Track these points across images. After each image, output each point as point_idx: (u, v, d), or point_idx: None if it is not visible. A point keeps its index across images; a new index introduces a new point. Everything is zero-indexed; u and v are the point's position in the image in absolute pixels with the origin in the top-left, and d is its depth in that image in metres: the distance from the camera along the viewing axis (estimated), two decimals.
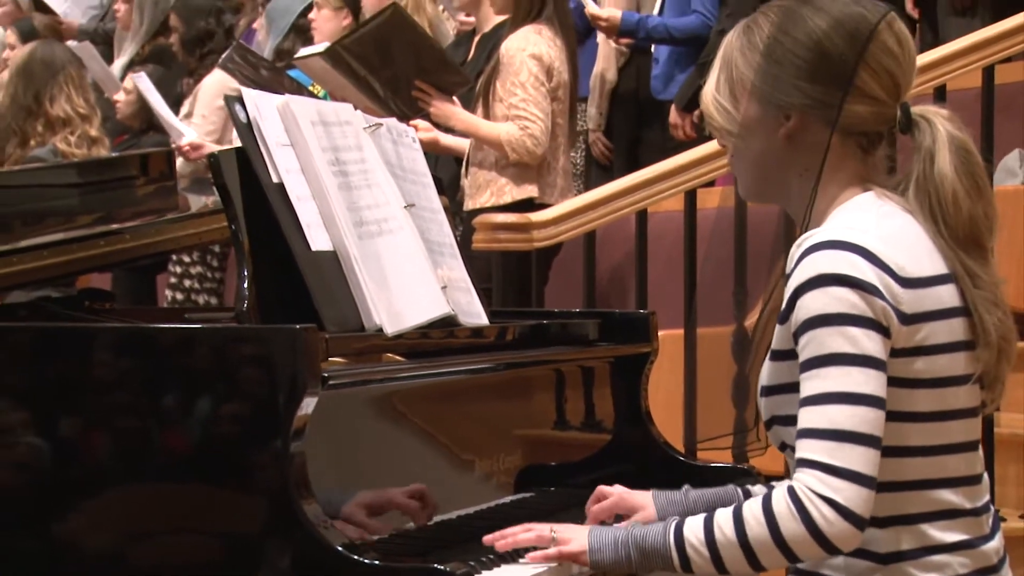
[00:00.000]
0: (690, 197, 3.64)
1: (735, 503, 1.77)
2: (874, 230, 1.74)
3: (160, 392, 1.83)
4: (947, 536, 1.76)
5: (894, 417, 1.72)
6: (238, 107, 2.05)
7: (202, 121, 5.10)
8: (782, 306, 1.77)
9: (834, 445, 1.68)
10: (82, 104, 4.43)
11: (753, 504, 1.72)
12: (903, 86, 1.81)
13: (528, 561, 1.85)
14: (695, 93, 4.46)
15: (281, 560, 1.75)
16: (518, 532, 1.87)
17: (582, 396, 2.47)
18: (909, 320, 1.73)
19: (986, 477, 1.83)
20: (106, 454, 1.85)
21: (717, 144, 2.00)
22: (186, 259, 5.21)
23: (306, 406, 1.77)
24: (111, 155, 4.45)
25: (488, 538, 1.87)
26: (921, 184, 1.79)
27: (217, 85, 4.97)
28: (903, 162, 1.85)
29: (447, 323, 2.20)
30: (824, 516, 1.67)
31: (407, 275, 2.14)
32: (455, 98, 4.17)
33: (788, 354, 1.76)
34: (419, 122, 4.11)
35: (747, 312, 3.71)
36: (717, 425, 3.47)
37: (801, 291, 1.72)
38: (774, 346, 1.80)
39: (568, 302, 3.85)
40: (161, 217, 2.63)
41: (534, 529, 1.86)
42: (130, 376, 1.85)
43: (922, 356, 1.74)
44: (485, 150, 4.15)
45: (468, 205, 4.17)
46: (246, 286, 1.98)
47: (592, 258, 3.71)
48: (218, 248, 5.17)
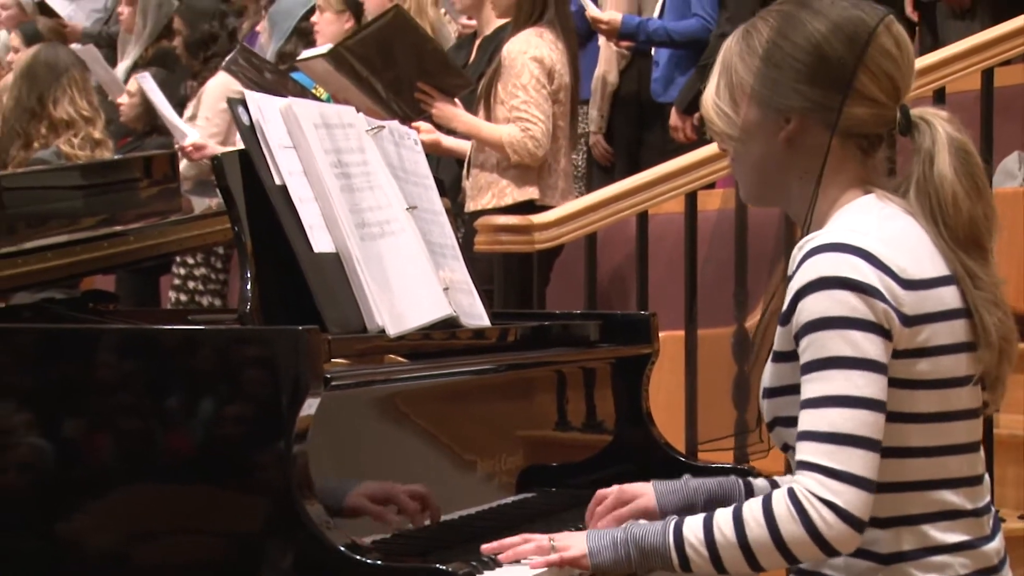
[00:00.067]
0: (691, 199, 3.65)
1: (735, 503, 1.77)
2: (875, 232, 1.75)
3: (163, 393, 1.83)
4: (948, 537, 1.76)
5: (896, 418, 1.73)
6: (241, 109, 2.05)
7: (206, 124, 5.10)
8: (783, 308, 1.77)
9: (834, 448, 1.68)
10: (85, 106, 4.42)
11: (753, 505, 1.73)
12: (902, 88, 1.81)
13: (529, 561, 1.84)
14: (695, 96, 4.47)
15: (283, 560, 1.76)
16: (517, 543, 1.86)
17: (583, 397, 2.48)
18: (911, 322, 1.73)
19: (987, 478, 1.83)
20: (110, 455, 1.85)
21: (717, 147, 2.00)
22: (190, 261, 5.21)
23: (308, 407, 1.77)
24: (115, 157, 4.45)
25: (487, 547, 1.87)
26: (921, 186, 1.79)
27: (221, 88, 4.96)
28: (903, 164, 1.85)
29: (449, 324, 2.20)
30: (824, 519, 1.67)
31: (409, 277, 2.14)
32: (457, 100, 4.17)
33: (789, 356, 1.76)
34: (421, 124, 4.11)
35: (748, 313, 3.71)
36: (718, 426, 3.48)
37: (803, 294, 1.72)
38: (776, 348, 1.80)
39: (569, 303, 3.85)
40: (164, 219, 2.64)
41: (532, 539, 1.86)
42: (133, 377, 1.85)
43: (924, 357, 1.74)
44: (486, 152, 4.14)
45: (469, 207, 4.16)
46: (249, 288, 1.98)
47: (593, 260, 3.71)
48: (222, 250, 5.17)
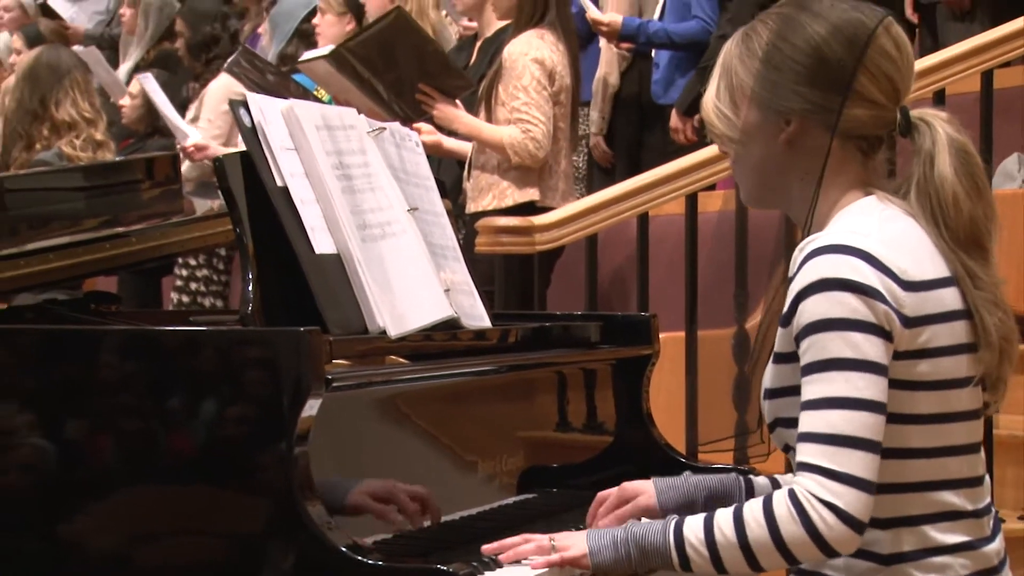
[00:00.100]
0: (691, 201, 3.65)
1: (735, 502, 1.78)
2: (876, 234, 1.75)
3: (165, 394, 1.83)
4: (948, 537, 1.76)
5: (896, 419, 1.73)
6: (243, 111, 2.05)
7: (208, 125, 5.10)
8: (784, 309, 1.77)
9: (834, 450, 1.68)
10: (87, 108, 4.42)
11: (754, 506, 1.73)
12: (902, 90, 1.82)
13: (530, 562, 1.84)
14: (696, 98, 4.47)
15: (285, 561, 1.76)
16: (518, 544, 1.86)
17: (584, 398, 2.48)
18: (911, 323, 1.73)
19: (987, 479, 1.83)
20: (111, 456, 1.85)
21: (718, 149, 2.00)
22: (192, 262, 5.21)
23: (310, 408, 1.78)
24: (117, 159, 4.45)
25: (487, 548, 1.87)
26: (922, 187, 1.79)
27: (223, 90, 4.96)
28: (902, 165, 1.85)
29: (450, 326, 2.20)
30: (824, 520, 1.68)
31: (410, 278, 2.15)
32: (458, 102, 4.18)
33: (790, 357, 1.77)
34: (422, 125, 4.11)
35: (748, 315, 3.72)
36: (718, 427, 3.48)
37: (803, 295, 1.73)
38: (776, 349, 1.80)
39: (570, 305, 3.86)
40: (166, 221, 2.64)
41: (533, 540, 1.86)
42: (135, 378, 1.85)
43: (924, 359, 1.74)
44: (487, 153, 4.15)
45: (470, 208, 4.16)
46: (251, 289, 1.98)
47: (594, 261, 3.71)
48: (224, 251, 5.17)
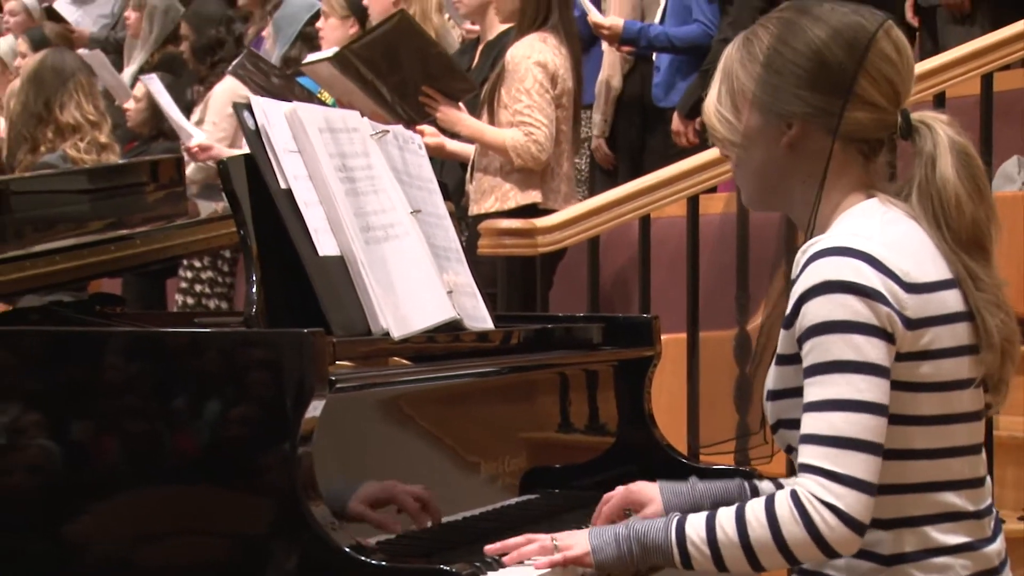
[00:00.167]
0: (692, 203, 3.65)
1: (738, 502, 1.78)
2: (878, 236, 1.75)
3: (169, 395, 1.84)
4: (950, 538, 1.77)
5: (898, 420, 1.73)
6: (247, 114, 2.06)
7: (213, 128, 5.10)
8: (787, 311, 1.77)
9: (836, 452, 1.69)
10: (92, 111, 4.43)
11: (756, 506, 1.74)
12: (902, 92, 1.82)
13: (533, 562, 1.85)
14: (697, 101, 4.48)
15: (288, 561, 1.76)
16: (521, 544, 1.87)
17: (586, 399, 2.48)
18: (914, 325, 1.74)
19: (989, 480, 1.84)
20: (116, 456, 1.85)
21: (719, 152, 2.01)
22: (197, 264, 5.21)
23: (314, 409, 1.78)
24: (122, 161, 4.46)
25: (490, 548, 1.88)
26: (924, 189, 1.80)
27: (228, 92, 4.96)
28: (903, 168, 1.86)
29: (453, 327, 2.21)
30: (826, 521, 1.68)
31: (413, 280, 2.15)
32: (461, 104, 4.19)
33: (793, 359, 1.77)
34: (425, 127, 4.11)
35: (749, 316, 3.72)
36: (720, 428, 3.49)
37: (806, 297, 1.73)
38: (779, 351, 1.81)
39: (572, 306, 3.87)
40: (171, 223, 2.64)
41: (535, 540, 1.86)
42: (140, 379, 1.86)
43: (927, 360, 1.75)
44: (490, 156, 4.15)
45: (473, 210, 4.17)
46: (255, 291, 1.99)
47: (596, 263, 3.72)
48: (228, 253, 5.17)
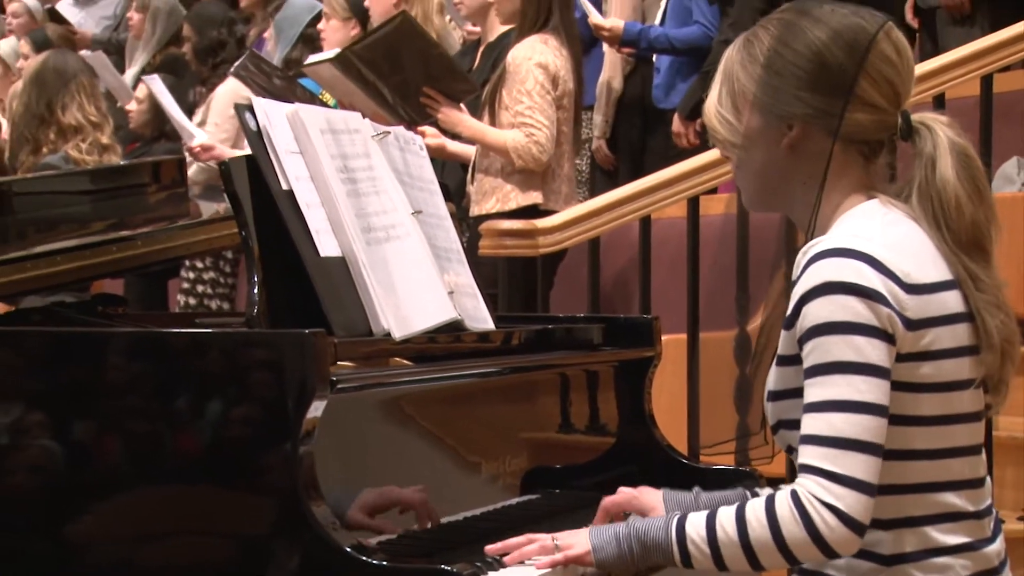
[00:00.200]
0: (692, 204, 3.65)
1: (738, 503, 1.78)
2: (879, 237, 1.76)
3: (171, 395, 1.84)
4: (950, 538, 1.77)
5: (899, 421, 1.74)
6: (248, 115, 2.06)
7: (215, 129, 5.10)
8: (787, 312, 1.78)
9: (836, 452, 1.69)
10: (93, 112, 4.44)
11: (756, 505, 1.74)
12: (903, 94, 1.83)
13: (534, 562, 1.85)
14: (698, 102, 4.48)
15: (290, 561, 1.77)
16: (522, 544, 1.88)
17: (586, 400, 2.49)
18: (914, 326, 1.74)
19: (989, 480, 1.84)
20: (118, 456, 1.86)
21: (720, 154, 2.02)
22: (199, 265, 5.22)
23: (315, 409, 1.79)
24: (124, 163, 4.46)
25: (491, 548, 1.88)
26: (924, 190, 1.80)
27: (230, 94, 4.96)
28: (903, 169, 1.86)
29: (454, 328, 2.22)
30: (826, 522, 1.69)
31: (414, 280, 2.16)
32: (462, 105, 4.19)
33: (794, 359, 1.78)
34: (427, 128, 4.11)
35: (749, 317, 3.73)
36: (720, 429, 3.50)
37: (807, 298, 1.73)
38: (780, 352, 1.81)
39: (573, 307, 3.87)
40: (173, 224, 2.65)
41: (536, 540, 1.87)
42: (142, 380, 1.86)
43: (927, 361, 1.75)
44: (491, 157, 4.16)
45: (474, 211, 4.17)
46: (256, 291, 1.99)
47: (596, 264, 3.72)
48: (230, 254, 5.17)
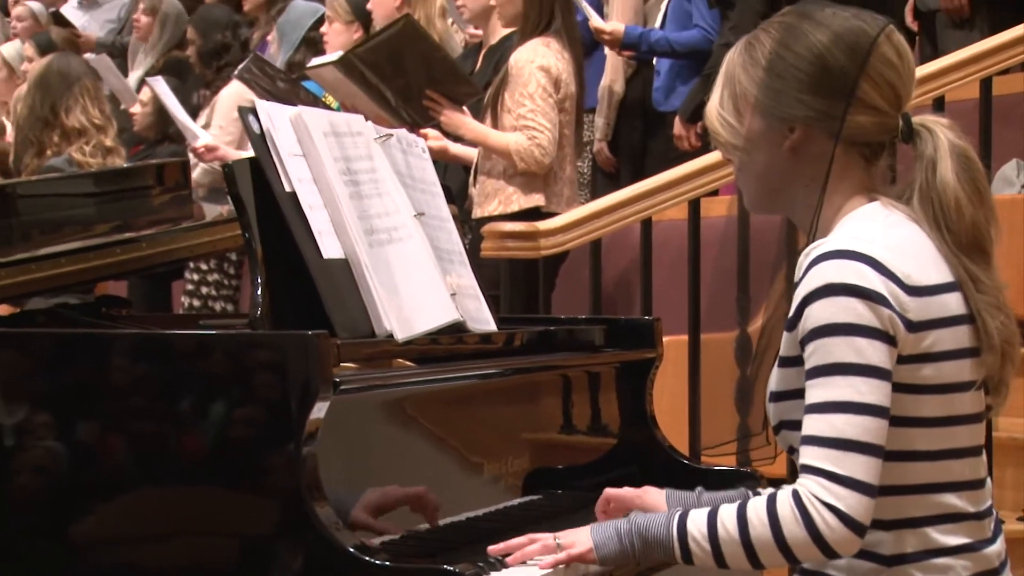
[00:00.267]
0: (693, 206, 3.66)
1: (740, 501, 1.79)
2: (881, 239, 1.76)
3: (175, 397, 1.85)
4: (950, 539, 1.78)
5: (900, 422, 1.75)
6: (252, 118, 2.07)
7: (220, 132, 5.10)
8: (789, 314, 1.78)
9: (838, 453, 1.70)
10: (97, 115, 4.45)
11: (757, 504, 1.75)
12: (904, 96, 1.83)
13: (536, 562, 1.86)
14: (699, 105, 4.48)
15: (293, 561, 1.77)
16: (524, 544, 1.88)
17: (588, 401, 2.49)
18: (915, 328, 1.75)
19: (989, 481, 1.85)
20: (122, 457, 1.87)
21: (721, 155, 2.02)
22: (203, 267, 5.23)
23: (318, 410, 1.79)
24: (128, 165, 4.47)
25: (493, 549, 1.89)
26: (924, 192, 1.81)
27: (234, 96, 4.97)
28: (904, 171, 1.87)
29: (456, 329, 2.22)
30: (826, 522, 1.69)
31: (417, 282, 2.16)
32: (465, 108, 4.20)
33: (795, 360, 1.78)
34: (429, 131, 4.12)
35: (750, 319, 3.73)
36: (721, 430, 3.50)
37: (809, 300, 1.74)
38: (782, 353, 1.82)
39: (574, 309, 3.88)
40: (176, 226, 2.65)
41: (538, 540, 1.87)
42: (146, 381, 1.87)
43: (928, 363, 1.76)
44: (493, 159, 4.17)
45: (476, 213, 4.18)
46: (259, 293, 2.00)
47: (598, 265, 3.72)
48: (234, 256, 5.17)
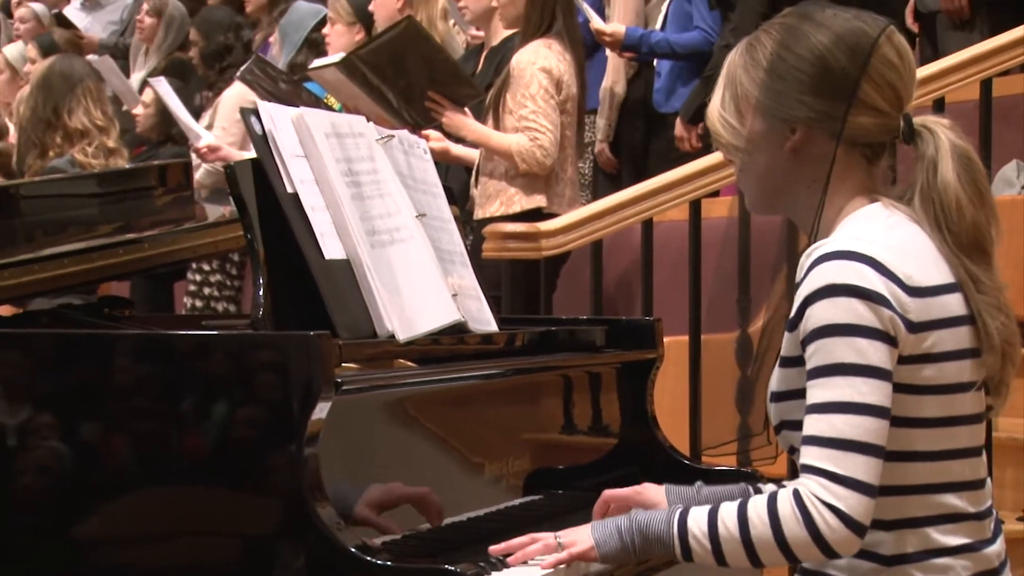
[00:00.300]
0: (694, 207, 3.66)
1: (740, 499, 1.79)
2: (882, 240, 1.77)
3: (177, 397, 1.85)
4: (950, 539, 1.78)
5: (902, 423, 1.75)
6: (254, 119, 2.07)
7: (222, 133, 5.10)
8: (791, 314, 1.79)
9: (838, 454, 1.70)
10: (100, 116, 4.46)
11: (758, 503, 1.75)
12: (905, 97, 1.83)
13: (537, 562, 1.86)
14: (700, 106, 4.49)
15: (295, 561, 1.78)
16: (525, 544, 1.88)
17: (589, 401, 2.50)
18: (916, 328, 1.75)
19: (989, 481, 1.85)
20: (125, 457, 1.87)
21: (722, 157, 2.03)
22: (206, 267, 5.23)
23: (320, 411, 1.80)
24: (130, 166, 4.48)
25: (495, 549, 1.89)
26: (926, 192, 1.81)
27: (237, 98, 4.97)
28: (904, 172, 1.87)
29: (457, 330, 2.23)
30: (827, 522, 1.70)
31: (418, 283, 2.16)
32: (467, 109, 4.21)
33: (797, 361, 1.79)
34: (431, 132, 4.12)
35: (751, 319, 3.74)
36: (722, 430, 3.51)
37: (810, 301, 1.74)
38: (783, 353, 1.82)
39: (575, 309, 3.88)
40: (178, 226, 2.66)
41: (539, 539, 1.88)
42: (148, 381, 1.87)
43: (929, 363, 1.76)
44: (495, 160, 4.17)
45: (478, 214, 4.19)
46: (261, 293, 2.00)
47: (599, 266, 3.72)
48: (237, 257, 5.18)
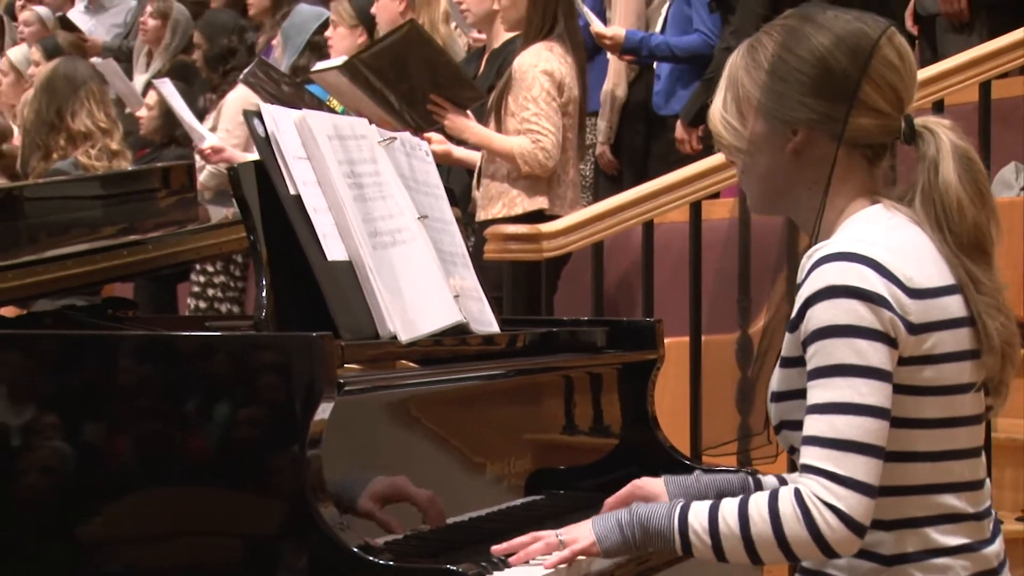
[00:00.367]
0: (695, 208, 3.67)
1: (741, 496, 1.80)
2: (883, 242, 1.77)
3: (180, 398, 1.86)
4: (950, 540, 1.79)
5: (902, 424, 1.76)
6: (257, 121, 2.08)
7: (226, 135, 5.11)
8: (792, 315, 1.79)
9: (838, 454, 1.71)
10: (103, 119, 4.47)
11: (759, 500, 1.76)
12: (905, 98, 1.84)
13: (539, 561, 1.87)
14: (700, 108, 4.50)
15: (298, 561, 1.78)
16: (527, 543, 1.89)
17: (590, 402, 2.50)
18: (917, 330, 1.76)
19: (988, 482, 1.86)
20: (128, 458, 1.87)
21: (722, 158, 2.04)
22: (209, 269, 5.24)
23: (322, 411, 1.80)
24: (134, 168, 4.49)
25: (497, 548, 1.90)
26: (926, 193, 1.82)
27: (240, 100, 4.98)
28: (904, 173, 1.88)
29: (459, 331, 2.23)
30: (827, 522, 1.70)
31: (420, 284, 2.17)
32: (469, 112, 4.21)
33: (797, 361, 1.79)
34: (433, 134, 4.13)
35: (751, 320, 3.74)
36: (722, 430, 3.51)
37: (811, 302, 1.75)
38: (784, 353, 1.83)
39: (577, 310, 3.89)
40: (182, 228, 2.67)
41: (541, 538, 1.88)
42: (152, 382, 1.88)
43: (929, 365, 1.77)
44: (497, 162, 4.18)
45: (480, 216, 4.19)
46: (264, 295, 2.01)
47: (600, 268, 3.73)
48: (240, 258, 5.19)
